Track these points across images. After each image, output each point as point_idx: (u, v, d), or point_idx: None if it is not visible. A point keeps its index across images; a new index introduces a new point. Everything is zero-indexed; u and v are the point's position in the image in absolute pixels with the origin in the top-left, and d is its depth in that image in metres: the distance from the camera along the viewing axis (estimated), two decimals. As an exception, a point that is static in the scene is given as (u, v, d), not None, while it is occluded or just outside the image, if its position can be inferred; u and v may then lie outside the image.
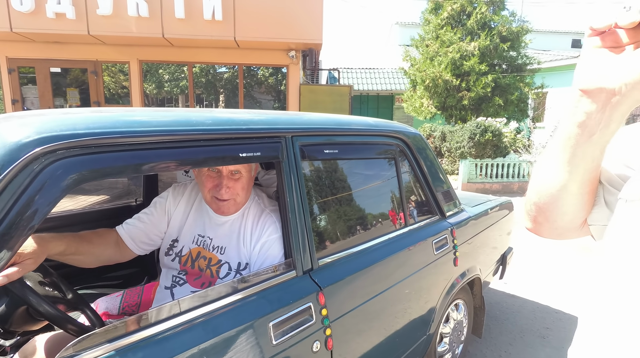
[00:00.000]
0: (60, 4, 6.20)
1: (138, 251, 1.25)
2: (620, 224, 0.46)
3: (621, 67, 0.42)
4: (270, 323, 0.95)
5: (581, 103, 0.46)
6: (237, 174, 1.13)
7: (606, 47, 0.44)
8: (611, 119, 0.44)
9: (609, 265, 0.47)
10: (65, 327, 0.90)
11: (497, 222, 2.22)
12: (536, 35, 12.04)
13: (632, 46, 0.41)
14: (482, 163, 7.29)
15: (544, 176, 0.55)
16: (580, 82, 0.46)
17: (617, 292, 0.44)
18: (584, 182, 0.51)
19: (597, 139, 0.46)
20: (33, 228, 0.67)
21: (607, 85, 0.42)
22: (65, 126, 0.74)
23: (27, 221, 0.67)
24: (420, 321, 1.56)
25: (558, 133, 0.50)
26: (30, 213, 0.67)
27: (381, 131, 1.49)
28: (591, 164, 0.49)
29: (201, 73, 8.28)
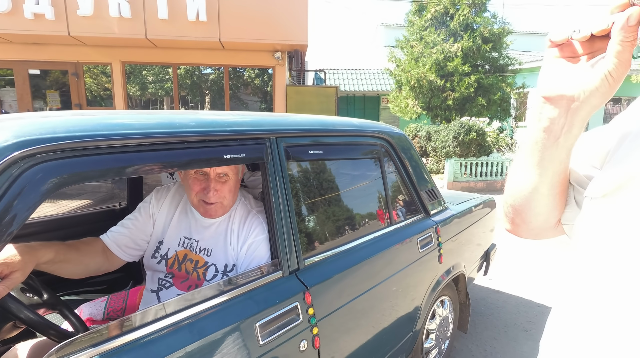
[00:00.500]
0: (39, 4, 6.05)
1: (126, 258, 1.23)
2: (585, 220, 0.49)
3: (578, 75, 0.45)
4: (257, 324, 0.96)
5: (545, 109, 0.49)
6: (225, 177, 1.13)
7: (564, 57, 0.47)
8: (573, 123, 0.47)
9: (576, 259, 0.49)
10: (47, 333, 0.88)
11: (480, 219, 2.27)
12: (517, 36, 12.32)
13: (587, 56, 0.45)
14: (467, 162, 7.42)
15: (517, 179, 0.57)
16: (543, 90, 0.49)
17: (584, 284, 0.47)
18: (553, 184, 0.53)
19: (562, 142, 0.49)
20: (12, 234, 0.66)
21: (567, 92, 0.46)
22: (45, 129, 0.73)
23: (5, 226, 0.66)
24: (407, 318, 1.58)
25: (526, 138, 0.53)
26: (8, 219, 0.66)
27: (366, 132, 1.51)
28: (559, 166, 0.52)
29: (186, 74, 8.19)
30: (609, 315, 0.43)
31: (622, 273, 0.42)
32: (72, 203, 4.60)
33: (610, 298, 0.43)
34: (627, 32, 0.40)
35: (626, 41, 0.40)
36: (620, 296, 0.42)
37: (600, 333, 0.43)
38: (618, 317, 0.42)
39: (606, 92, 0.44)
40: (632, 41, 0.41)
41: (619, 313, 0.42)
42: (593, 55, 0.45)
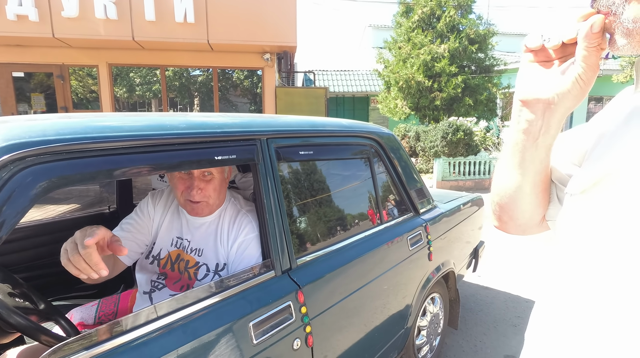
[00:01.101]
0: (22, 5, 5.93)
1: (128, 262, 1.22)
2: (566, 216, 0.52)
3: (552, 80, 0.48)
4: (250, 323, 0.96)
5: (523, 112, 0.52)
6: (209, 176, 1.14)
7: (539, 61, 0.50)
8: (550, 124, 0.50)
9: (558, 254, 0.52)
10: (39, 337, 0.87)
11: (468, 217, 2.31)
12: (502, 37, 12.55)
13: (559, 60, 0.48)
14: (455, 161, 7.52)
15: (501, 179, 0.60)
16: (520, 93, 0.52)
17: (565, 277, 0.49)
18: (535, 182, 0.56)
19: (541, 142, 0.52)
20: (2, 238, 0.66)
21: (542, 96, 0.48)
22: (34, 132, 0.73)
23: None
24: (398, 315, 1.60)
25: (507, 140, 0.56)
26: (1, 220, 0.66)
27: (355, 132, 1.54)
28: (539, 166, 0.54)
29: (174, 76, 8.11)
30: (588, 307, 0.45)
31: (599, 265, 0.44)
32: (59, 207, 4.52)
33: (589, 290, 0.45)
34: (591, 39, 0.43)
35: (591, 47, 0.43)
36: (597, 287, 0.44)
37: (581, 324, 0.45)
38: (597, 308, 0.44)
39: (578, 95, 0.47)
40: (597, 47, 0.43)
41: (597, 304, 0.44)
42: (566, 59, 0.48)
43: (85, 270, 0.80)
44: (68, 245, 0.83)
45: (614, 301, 0.42)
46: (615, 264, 0.42)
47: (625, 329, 0.41)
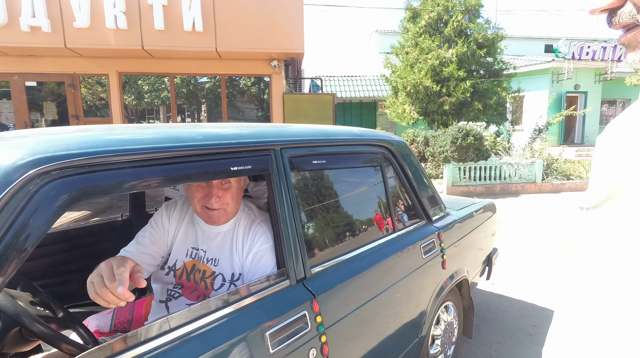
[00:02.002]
0: (35, 17, 6.08)
1: (145, 275, 1.23)
2: (581, 230, 0.51)
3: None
4: (266, 333, 0.96)
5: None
6: (227, 184, 1.15)
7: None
8: None
9: (577, 265, 0.51)
10: (59, 345, 0.89)
11: (481, 224, 2.29)
12: (510, 41, 12.50)
13: None
14: (465, 166, 7.47)
15: None
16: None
17: (582, 291, 0.49)
18: None
19: None
20: (29, 250, 0.68)
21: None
22: (59, 146, 0.75)
23: (23, 243, 0.67)
24: (412, 324, 1.59)
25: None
26: (26, 235, 0.67)
27: (366, 140, 1.54)
28: None
29: (182, 84, 8.22)
30: (604, 322, 0.44)
31: (612, 283, 0.44)
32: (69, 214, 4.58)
33: (604, 303, 0.44)
34: None
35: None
36: (611, 300, 0.43)
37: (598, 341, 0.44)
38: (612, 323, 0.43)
39: None
40: None
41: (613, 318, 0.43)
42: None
43: (113, 301, 0.81)
44: (94, 278, 0.83)
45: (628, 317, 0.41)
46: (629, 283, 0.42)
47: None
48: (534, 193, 7.70)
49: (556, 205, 6.55)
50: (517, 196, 7.39)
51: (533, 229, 5.01)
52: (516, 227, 5.11)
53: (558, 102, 13.05)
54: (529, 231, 4.89)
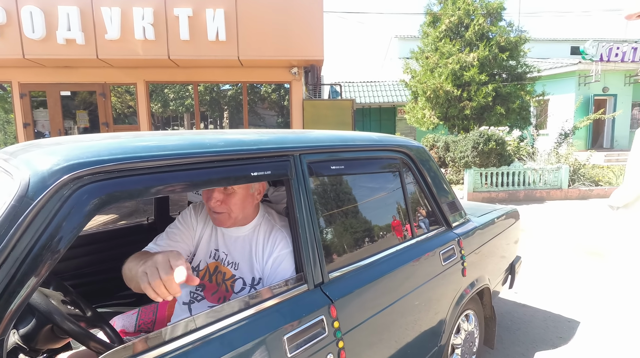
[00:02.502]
0: (70, 30, 6.42)
1: None
2: (612, 228, 0.50)
3: None
4: (284, 337, 0.98)
5: None
6: (228, 189, 1.16)
7: None
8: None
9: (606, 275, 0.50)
10: (88, 343, 0.93)
11: (504, 231, 2.23)
12: (535, 44, 12.19)
13: None
14: (487, 172, 7.30)
15: None
16: None
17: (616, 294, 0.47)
18: None
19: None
20: (62, 252, 0.72)
21: None
22: (91, 153, 0.79)
23: (57, 244, 0.71)
24: (431, 332, 1.57)
25: None
26: (60, 237, 0.72)
27: (385, 146, 1.54)
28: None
29: (205, 91, 8.44)
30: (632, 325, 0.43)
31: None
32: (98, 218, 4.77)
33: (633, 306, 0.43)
34: None
35: None
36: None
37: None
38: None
39: None
40: None
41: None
42: None
43: (163, 294, 0.81)
44: (148, 268, 0.83)
45: None
46: None
47: None
48: (560, 199, 7.43)
49: (583, 212, 6.29)
50: (542, 202, 7.14)
51: (559, 237, 4.83)
52: (541, 234, 4.94)
53: (585, 106, 12.58)
54: (555, 239, 4.72)
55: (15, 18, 6.33)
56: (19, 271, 0.67)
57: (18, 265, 0.67)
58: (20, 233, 0.68)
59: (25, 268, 0.68)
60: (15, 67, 7.12)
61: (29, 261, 0.68)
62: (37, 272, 0.69)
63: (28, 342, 0.93)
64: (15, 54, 6.46)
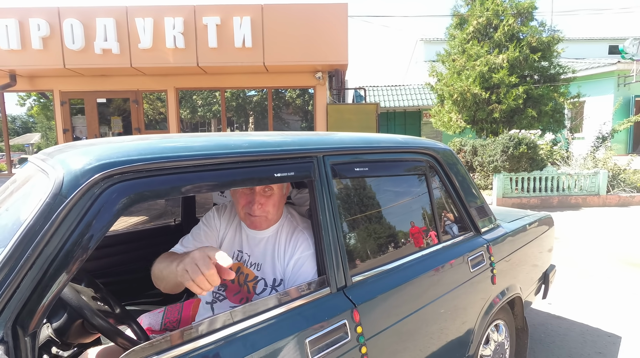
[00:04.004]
0: (107, 40, 6.77)
1: None
2: None
3: None
4: (307, 340, 0.97)
5: None
6: (269, 191, 1.18)
7: None
8: None
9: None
10: (116, 339, 0.95)
11: (536, 238, 2.13)
12: (569, 44, 11.68)
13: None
14: (518, 177, 7.02)
15: None
16: None
17: None
18: None
19: None
20: (92, 248, 0.74)
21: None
22: (121, 153, 0.82)
23: (88, 240, 0.74)
24: (458, 341, 1.51)
25: None
26: (91, 233, 0.74)
27: (410, 148, 1.51)
28: None
29: (232, 97, 8.65)
30: None
31: None
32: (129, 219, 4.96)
33: None
34: None
35: None
36: None
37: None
38: None
39: None
40: None
41: None
42: None
43: (207, 288, 0.84)
44: (188, 266, 0.85)
45: None
46: None
47: None
48: (598, 206, 7.02)
49: (624, 220, 5.91)
50: (577, 209, 6.78)
51: (596, 246, 4.56)
52: (577, 243, 4.68)
53: (625, 107, 11.88)
54: (592, 248, 4.46)
55: (57, 31, 6.74)
56: (51, 266, 0.70)
57: (51, 260, 0.70)
58: (54, 229, 0.70)
59: (57, 263, 0.70)
60: (57, 76, 7.58)
61: (62, 256, 0.71)
62: (69, 267, 0.71)
63: (60, 336, 0.97)
64: (57, 64, 6.87)
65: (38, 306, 0.68)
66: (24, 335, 0.66)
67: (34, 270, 0.68)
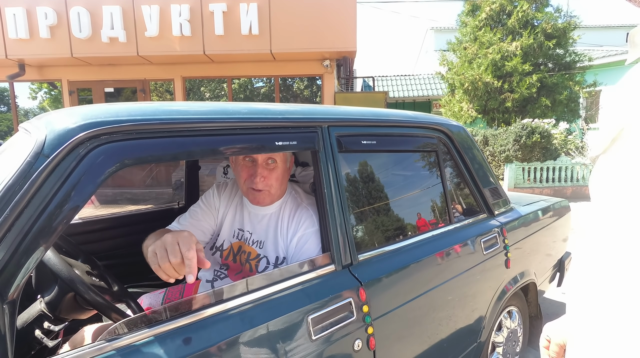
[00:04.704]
0: (114, 28, 6.73)
1: None
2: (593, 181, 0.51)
3: None
4: (309, 317, 0.91)
5: None
6: (273, 164, 1.12)
7: None
8: None
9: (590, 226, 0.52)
10: (109, 314, 0.91)
11: (553, 223, 2.04)
12: (586, 30, 11.30)
13: None
14: (530, 167, 6.85)
15: None
16: None
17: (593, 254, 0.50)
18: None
19: None
20: (77, 210, 0.69)
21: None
22: (110, 113, 0.76)
23: (72, 204, 0.68)
24: (470, 326, 1.44)
25: None
26: (75, 196, 0.69)
27: (421, 123, 1.43)
28: None
29: (240, 89, 8.59)
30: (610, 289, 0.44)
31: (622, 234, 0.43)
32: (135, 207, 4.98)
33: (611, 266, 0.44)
34: None
35: None
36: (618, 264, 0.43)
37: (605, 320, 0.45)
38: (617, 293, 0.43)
39: None
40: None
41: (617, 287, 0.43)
42: None
43: (173, 276, 0.79)
44: (159, 250, 0.80)
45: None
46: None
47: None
48: (615, 198, 6.82)
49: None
50: (593, 201, 6.60)
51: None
52: (593, 234, 4.54)
53: (645, 97, 11.49)
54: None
55: (64, 19, 6.73)
56: (32, 229, 0.64)
57: (32, 223, 0.65)
58: (34, 190, 0.65)
59: (39, 226, 0.65)
60: (65, 65, 7.58)
61: (43, 219, 0.66)
62: (51, 231, 0.66)
63: (52, 310, 0.93)
64: (64, 53, 6.87)
65: (18, 271, 0.63)
66: (2, 302, 0.62)
67: (13, 232, 0.63)
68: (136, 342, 0.72)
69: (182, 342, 0.76)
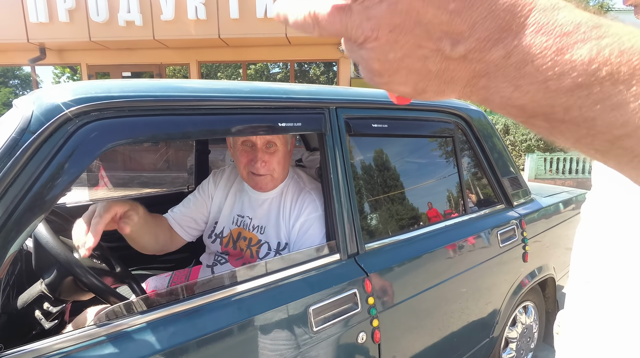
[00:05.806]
0: (130, 12, 6.73)
1: (186, 236, 1.24)
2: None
3: None
4: (310, 308, 0.87)
5: None
6: (272, 147, 1.06)
7: None
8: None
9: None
10: (107, 297, 0.89)
11: (575, 216, 1.93)
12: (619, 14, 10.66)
13: None
14: (553, 157, 6.60)
15: None
16: None
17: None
18: None
19: None
20: (66, 189, 0.66)
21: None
22: (101, 88, 0.72)
23: (60, 181, 0.65)
24: (482, 321, 1.38)
25: None
26: (64, 174, 0.65)
27: (437, 106, 1.34)
28: None
29: (255, 75, 8.52)
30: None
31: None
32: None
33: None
34: None
35: None
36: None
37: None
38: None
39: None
40: None
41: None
42: None
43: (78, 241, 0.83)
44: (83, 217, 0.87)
45: None
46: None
47: None
48: None
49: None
50: (619, 194, 6.32)
51: None
52: (617, 228, 4.34)
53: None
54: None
55: (82, 3, 6.76)
56: (18, 208, 0.62)
57: (17, 201, 0.62)
58: (20, 167, 0.62)
59: (25, 204, 0.62)
60: (84, 49, 7.67)
61: (30, 197, 0.63)
62: (38, 210, 0.63)
63: (52, 292, 0.92)
64: (83, 37, 6.94)
65: (4, 252, 0.61)
66: (-13, 282, 0.60)
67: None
68: (128, 328, 0.70)
69: (176, 329, 0.73)
